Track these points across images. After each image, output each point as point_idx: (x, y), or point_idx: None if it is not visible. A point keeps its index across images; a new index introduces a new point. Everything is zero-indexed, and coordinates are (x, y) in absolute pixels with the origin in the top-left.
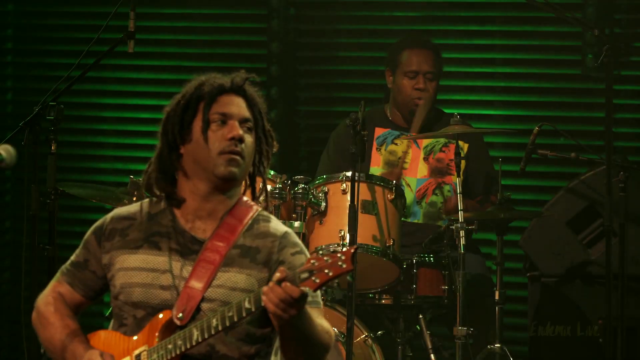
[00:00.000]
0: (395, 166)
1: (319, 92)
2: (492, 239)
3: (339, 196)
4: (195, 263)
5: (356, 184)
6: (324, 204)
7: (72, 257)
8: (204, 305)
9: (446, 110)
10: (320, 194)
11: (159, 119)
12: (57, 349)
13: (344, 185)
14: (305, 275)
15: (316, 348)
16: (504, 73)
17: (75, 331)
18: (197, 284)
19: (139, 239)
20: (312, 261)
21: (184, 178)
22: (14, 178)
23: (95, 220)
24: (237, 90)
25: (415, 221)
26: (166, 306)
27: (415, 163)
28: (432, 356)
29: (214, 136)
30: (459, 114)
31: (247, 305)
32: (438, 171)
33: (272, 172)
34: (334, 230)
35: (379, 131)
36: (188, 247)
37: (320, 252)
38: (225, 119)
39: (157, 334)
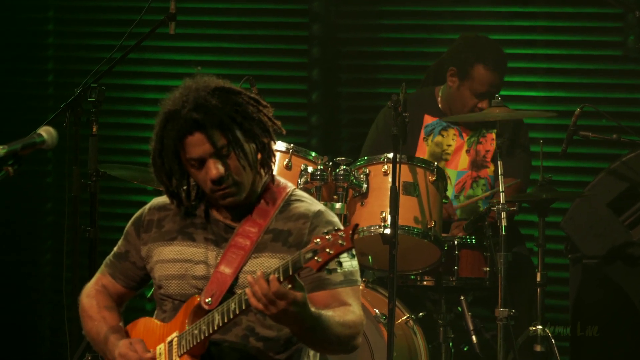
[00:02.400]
0: (440, 159)
1: (361, 73)
2: (533, 220)
3: (380, 178)
4: (225, 248)
5: (397, 165)
6: (365, 185)
7: (115, 249)
8: (235, 291)
9: None
10: (361, 176)
11: None
12: (95, 340)
13: (386, 166)
14: (309, 255)
15: (329, 343)
16: (545, 55)
17: (110, 322)
18: (226, 269)
19: (174, 230)
20: (315, 240)
21: None
22: (55, 160)
23: (136, 202)
24: (196, 126)
25: (456, 219)
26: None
27: (457, 155)
28: (474, 338)
29: (200, 179)
30: (500, 95)
31: None
32: (475, 164)
33: (313, 154)
34: (375, 211)
35: (427, 119)
36: (222, 236)
37: (325, 231)
38: (199, 162)
39: (186, 320)
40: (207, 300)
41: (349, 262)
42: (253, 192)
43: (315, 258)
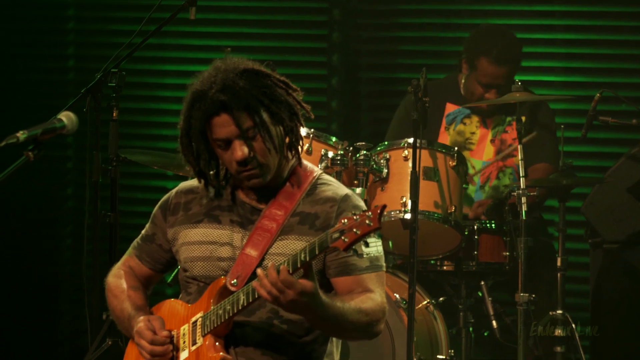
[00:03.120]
0: (463, 148)
1: (381, 58)
2: (554, 205)
3: (400, 163)
4: (252, 231)
5: (418, 150)
6: (385, 170)
7: (143, 231)
8: (260, 272)
9: None
10: (382, 161)
11: None
12: (120, 319)
13: (406, 151)
14: (336, 235)
15: (345, 331)
16: (564, 39)
17: (135, 301)
18: (252, 252)
19: (200, 213)
20: (343, 221)
21: None
22: (75, 145)
23: (156, 187)
24: (222, 107)
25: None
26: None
27: (482, 145)
28: (494, 322)
29: (226, 159)
30: (520, 80)
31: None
32: (501, 153)
33: (333, 139)
34: (396, 196)
35: (450, 107)
36: (248, 218)
37: (353, 212)
38: (225, 142)
39: (211, 300)
40: (232, 282)
41: (375, 246)
42: (279, 175)
43: (342, 238)
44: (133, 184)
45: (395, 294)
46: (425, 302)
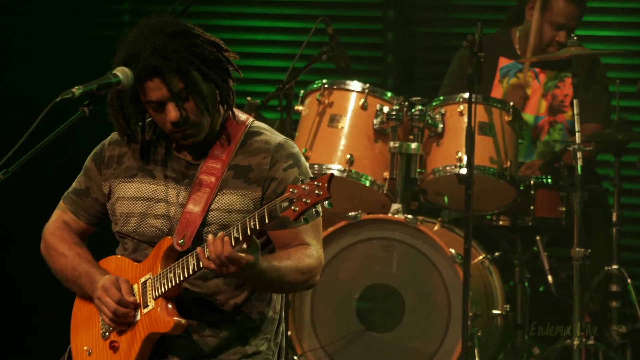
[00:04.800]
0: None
1: (436, 13)
2: (609, 160)
3: (456, 118)
4: (191, 187)
5: (473, 105)
6: (441, 125)
7: (74, 184)
8: (204, 230)
9: None
10: (437, 116)
11: (275, 41)
12: (70, 277)
13: (461, 106)
14: (285, 204)
15: (282, 290)
16: None
17: (87, 258)
18: (195, 208)
19: (134, 167)
20: (291, 189)
21: None
22: None
23: None
24: (154, 72)
25: (529, 161)
26: (160, 235)
27: (534, 99)
28: (550, 278)
29: (159, 120)
30: (575, 35)
31: (235, 234)
32: (552, 109)
33: (389, 94)
34: (451, 152)
35: (503, 61)
36: (183, 173)
37: (302, 179)
38: (158, 104)
39: (159, 262)
40: (179, 242)
41: None
42: (212, 130)
43: (292, 207)
44: None
45: (451, 249)
46: (481, 257)
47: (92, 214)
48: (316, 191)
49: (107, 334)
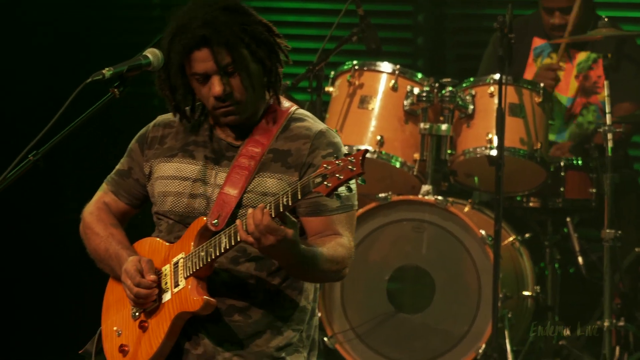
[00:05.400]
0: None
1: None
2: None
3: (486, 99)
4: (230, 169)
5: (503, 86)
6: (471, 107)
7: (117, 166)
8: (239, 212)
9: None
10: (467, 97)
11: (305, 22)
12: (102, 257)
13: (492, 88)
14: (318, 179)
15: (314, 277)
16: None
17: (120, 239)
18: (231, 190)
19: (175, 147)
20: (325, 165)
21: None
22: None
23: None
24: (203, 42)
25: (561, 141)
26: (195, 214)
27: (566, 80)
28: (580, 259)
29: (203, 94)
30: (607, 17)
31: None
32: (585, 90)
33: (419, 75)
34: (482, 133)
35: (537, 42)
36: (223, 154)
37: (335, 156)
38: (203, 77)
39: (192, 242)
40: (214, 222)
41: (348, 185)
42: (255, 113)
43: (325, 183)
44: None
45: (481, 231)
46: (511, 238)
47: (132, 195)
48: (350, 167)
49: (136, 314)
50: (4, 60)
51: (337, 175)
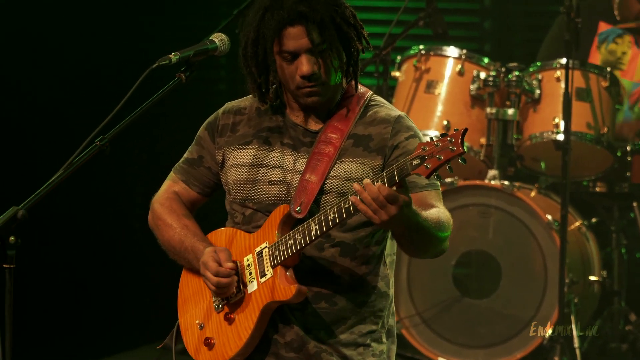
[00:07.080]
0: (614, 67)
1: None
2: None
3: (553, 84)
4: (309, 156)
5: (570, 71)
6: (538, 91)
7: (186, 154)
8: (321, 198)
9: None
10: (534, 82)
11: (372, 7)
12: (177, 249)
13: (558, 72)
14: (417, 161)
15: (425, 244)
16: None
17: (195, 231)
18: (312, 177)
19: (249, 134)
20: (422, 147)
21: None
22: (228, 66)
23: None
24: (299, 18)
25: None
26: (275, 201)
27: (633, 65)
28: None
29: (288, 73)
30: None
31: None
32: None
33: (486, 60)
34: (548, 118)
35: (602, 27)
36: (300, 140)
37: (431, 137)
38: (292, 55)
39: (276, 230)
40: (296, 209)
41: None
42: (333, 96)
43: (425, 164)
44: None
45: (547, 216)
46: (578, 223)
47: (204, 183)
48: (450, 147)
49: (220, 306)
50: (73, 46)
51: (437, 156)
